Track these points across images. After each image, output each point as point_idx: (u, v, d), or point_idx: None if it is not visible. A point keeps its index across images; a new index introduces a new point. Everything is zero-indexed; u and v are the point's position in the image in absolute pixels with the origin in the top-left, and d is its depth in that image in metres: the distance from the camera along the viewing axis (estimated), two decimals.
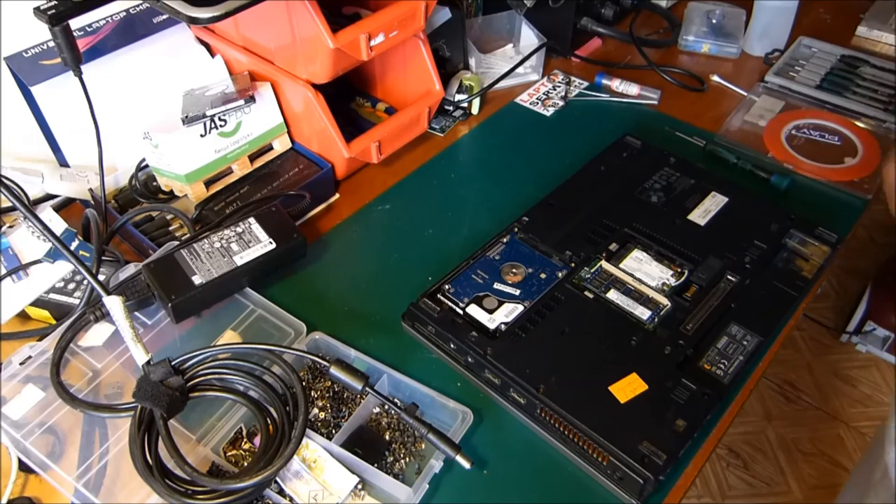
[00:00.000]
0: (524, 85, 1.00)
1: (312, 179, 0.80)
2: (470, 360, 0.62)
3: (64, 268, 0.70)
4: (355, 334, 0.67)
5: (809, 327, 1.79)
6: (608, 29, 1.04)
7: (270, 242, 0.69)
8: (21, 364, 0.61)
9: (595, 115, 0.95)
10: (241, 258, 0.67)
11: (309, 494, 0.55)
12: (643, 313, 0.64)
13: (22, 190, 0.75)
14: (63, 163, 0.81)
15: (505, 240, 0.72)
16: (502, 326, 0.63)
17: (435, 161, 0.88)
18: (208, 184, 0.79)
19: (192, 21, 0.61)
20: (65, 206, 0.81)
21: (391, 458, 0.59)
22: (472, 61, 0.97)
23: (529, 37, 1.01)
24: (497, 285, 0.67)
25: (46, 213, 0.72)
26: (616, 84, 0.98)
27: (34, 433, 0.57)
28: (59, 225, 0.71)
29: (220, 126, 0.77)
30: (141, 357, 0.58)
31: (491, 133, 0.93)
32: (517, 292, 0.66)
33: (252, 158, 0.82)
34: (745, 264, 0.69)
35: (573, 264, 0.69)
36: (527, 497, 0.57)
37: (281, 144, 0.84)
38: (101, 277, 0.68)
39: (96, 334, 0.64)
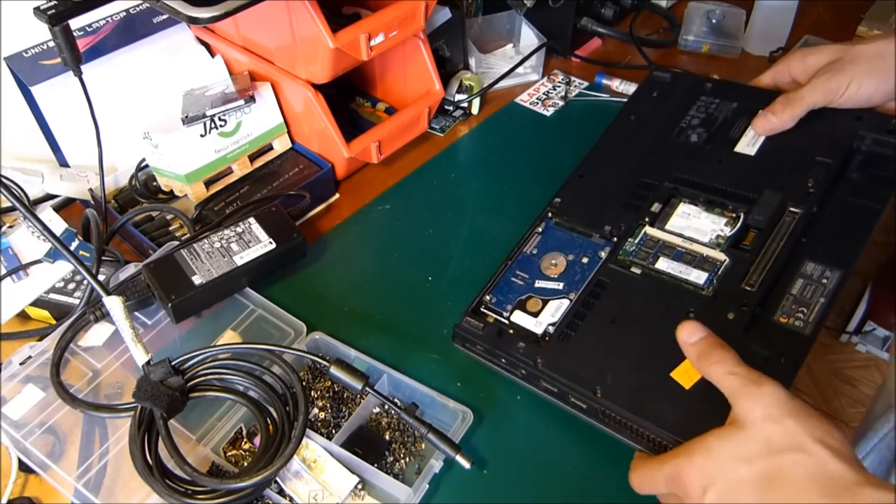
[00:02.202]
0: (524, 85, 1.00)
1: (312, 179, 0.80)
2: (524, 372, 0.57)
3: (64, 268, 0.70)
4: (355, 334, 0.67)
5: None
6: (608, 29, 1.04)
7: (270, 242, 0.69)
8: (21, 364, 0.61)
9: (595, 115, 0.95)
10: (241, 258, 0.67)
11: (309, 494, 0.55)
12: (699, 277, 0.57)
13: (22, 190, 0.75)
14: (63, 163, 0.81)
15: (540, 229, 0.66)
16: (550, 329, 0.58)
17: (435, 161, 0.89)
18: (208, 184, 0.79)
19: (192, 21, 0.61)
20: (65, 206, 0.81)
21: (391, 458, 0.59)
22: (472, 61, 0.97)
23: (529, 37, 1.01)
24: (538, 283, 0.62)
25: (46, 213, 0.72)
26: (616, 84, 0.98)
27: (34, 433, 0.57)
28: (59, 225, 0.71)
29: (220, 126, 0.77)
30: (141, 357, 0.58)
31: (491, 133, 0.93)
32: (560, 286, 0.61)
33: (252, 158, 0.82)
34: (809, 189, 0.60)
35: (615, 238, 0.62)
36: (527, 497, 0.57)
37: (281, 144, 0.84)
38: (101, 277, 0.68)
39: (96, 334, 0.64)
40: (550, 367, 0.56)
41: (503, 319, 0.60)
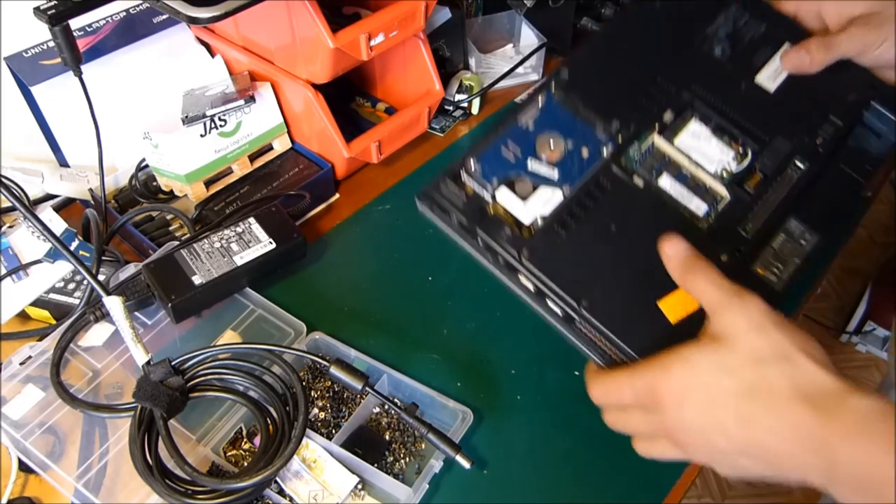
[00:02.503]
0: (524, 85, 1.00)
1: (312, 179, 0.80)
2: (501, 261, 0.52)
3: (64, 268, 0.70)
4: (355, 334, 0.67)
5: (809, 327, 1.79)
6: None
7: (270, 242, 0.69)
8: (21, 364, 0.61)
9: None
10: (241, 258, 0.67)
11: (309, 494, 0.55)
12: (699, 207, 0.54)
13: (22, 190, 0.75)
14: (63, 163, 0.81)
15: (540, 101, 0.57)
16: (539, 220, 0.52)
17: (435, 161, 0.88)
18: (208, 184, 0.79)
19: (192, 21, 0.61)
20: (65, 206, 0.81)
21: (391, 458, 0.59)
22: (472, 61, 0.97)
23: (529, 37, 1.01)
24: (531, 163, 0.54)
25: (46, 213, 0.72)
26: None
27: (34, 433, 0.57)
28: (59, 225, 0.71)
29: (220, 126, 0.77)
30: (141, 357, 0.58)
31: None
32: (555, 174, 0.54)
33: (252, 158, 0.82)
34: (818, 147, 0.57)
35: (621, 138, 0.56)
36: (527, 497, 0.57)
37: (281, 144, 0.84)
38: (101, 277, 0.68)
39: (96, 334, 0.64)
40: (536, 264, 0.50)
41: (487, 195, 0.53)
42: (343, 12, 0.84)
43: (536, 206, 0.53)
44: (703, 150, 0.57)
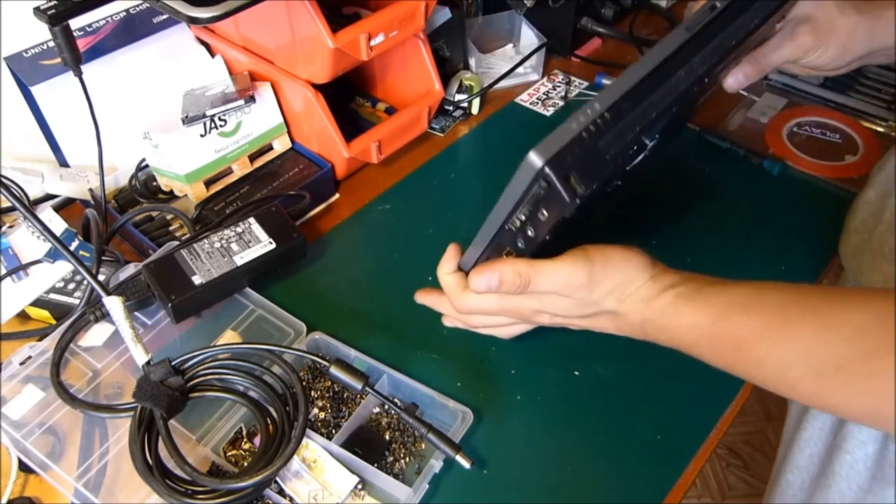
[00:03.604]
0: (524, 85, 1.00)
1: (312, 179, 0.80)
2: (531, 234, 0.53)
3: (64, 268, 0.70)
4: (355, 334, 0.67)
5: None
6: (608, 29, 1.04)
7: (270, 242, 0.69)
8: (21, 364, 0.61)
9: None
10: (241, 258, 0.67)
11: (309, 494, 0.55)
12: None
13: (22, 190, 0.75)
14: (63, 163, 0.81)
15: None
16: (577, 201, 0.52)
17: (435, 161, 0.88)
18: (208, 184, 0.79)
19: (192, 21, 0.61)
20: (65, 206, 0.81)
21: (391, 458, 0.59)
22: (472, 61, 0.97)
23: (529, 37, 1.01)
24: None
25: (46, 213, 0.72)
26: None
27: (34, 433, 0.57)
28: (59, 225, 0.71)
29: (220, 126, 0.77)
30: (141, 357, 0.58)
31: (491, 133, 0.93)
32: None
33: (252, 158, 0.82)
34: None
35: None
36: (527, 497, 0.57)
37: (281, 144, 0.84)
38: (101, 277, 0.68)
39: (96, 334, 0.64)
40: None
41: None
42: (343, 12, 0.84)
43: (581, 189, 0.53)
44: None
